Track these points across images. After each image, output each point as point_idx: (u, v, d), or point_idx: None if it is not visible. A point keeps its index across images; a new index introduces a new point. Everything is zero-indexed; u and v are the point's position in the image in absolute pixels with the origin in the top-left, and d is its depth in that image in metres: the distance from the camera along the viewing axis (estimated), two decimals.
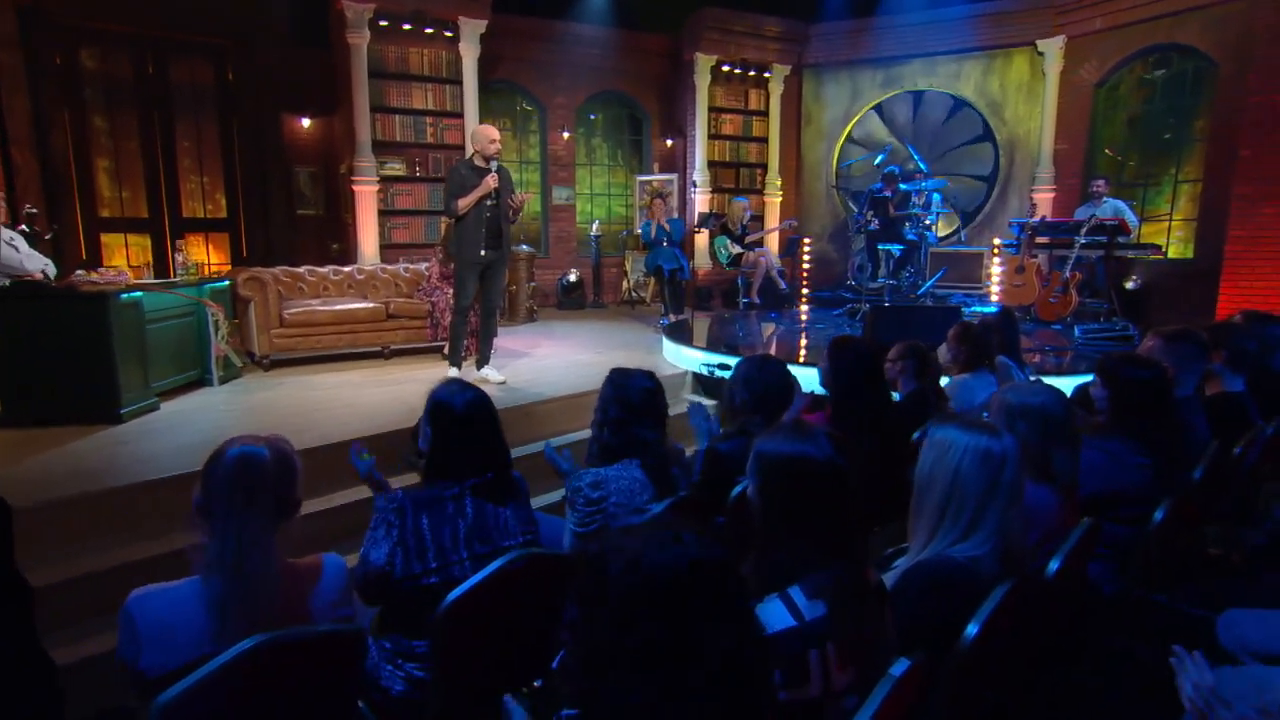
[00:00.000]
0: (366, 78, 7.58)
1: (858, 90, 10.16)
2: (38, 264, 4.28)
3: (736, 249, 8.63)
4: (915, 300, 7.95)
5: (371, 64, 7.69)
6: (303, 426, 3.95)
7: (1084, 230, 6.78)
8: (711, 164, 10.08)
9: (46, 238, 6.99)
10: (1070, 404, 2.17)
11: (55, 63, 7.40)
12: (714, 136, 10.14)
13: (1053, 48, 8.74)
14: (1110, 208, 7.47)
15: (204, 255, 8.25)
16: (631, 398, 2.28)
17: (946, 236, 9.14)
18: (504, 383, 5.09)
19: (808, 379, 4.87)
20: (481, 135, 4.87)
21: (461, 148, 8.18)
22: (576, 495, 2.19)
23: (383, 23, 7.62)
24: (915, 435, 3.06)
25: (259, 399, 4.61)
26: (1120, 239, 6.92)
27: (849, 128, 10.28)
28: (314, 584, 1.61)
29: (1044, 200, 8.83)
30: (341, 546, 3.31)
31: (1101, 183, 7.71)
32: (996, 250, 7.98)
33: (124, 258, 7.75)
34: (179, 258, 4.97)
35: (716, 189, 10.17)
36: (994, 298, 7.72)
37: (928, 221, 8.13)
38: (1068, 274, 6.89)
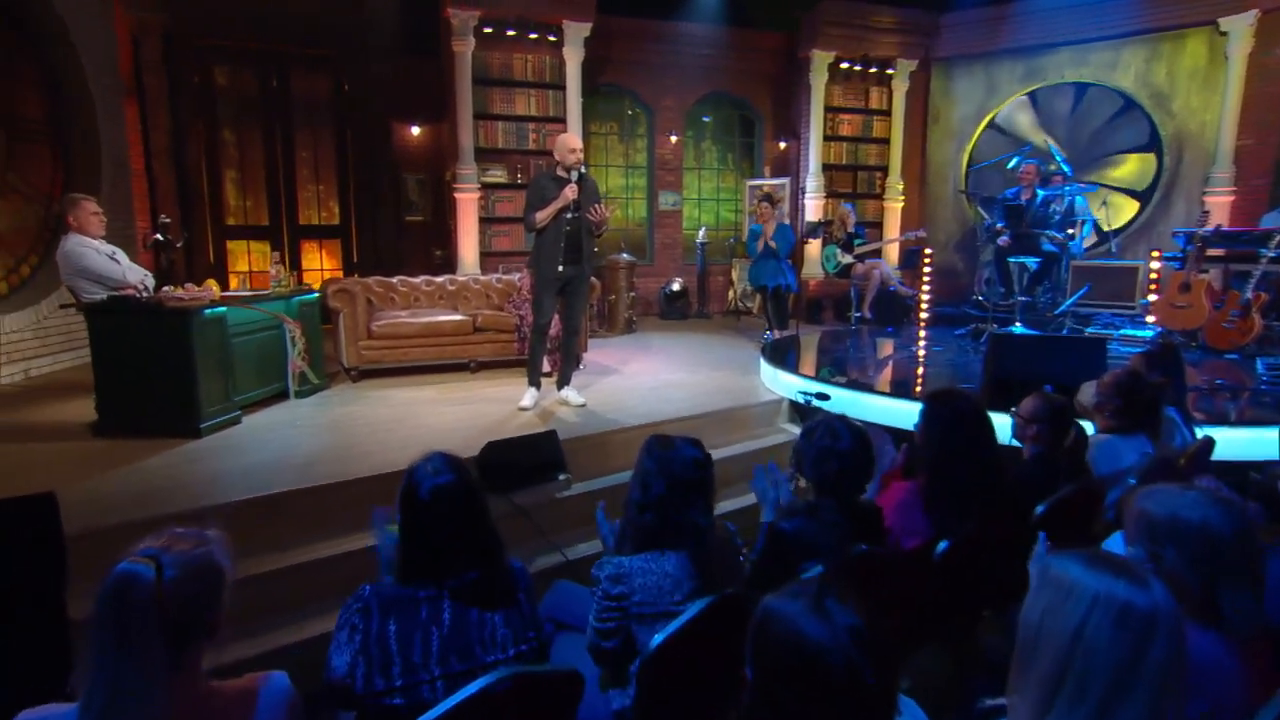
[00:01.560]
0: (470, 84, 7.55)
1: (993, 85, 9.21)
2: (137, 276, 4.40)
3: (846, 258, 7.98)
4: (1052, 320, 7.05)
5: (476, 71, 7.66)
6: (363, 450, 3.82)
7: (1275, 242, 5.72)
8: (827, 167, 9.45)
9: (178, 245, 7.41)
10: (1245, 514, 1.57)
11: (193, 81, 7.84)
12: (830, 138, 9.49)
13: (1240, 26, 7.49)
14: None
15: (318, 261, 8.55)
16: (676, 471, 1.89)
17: (1092, 248, 8.08)
18: (584, 405, 4.81)
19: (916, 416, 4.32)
20: (562, 144, 4.61)
21: None
22: (596, 586, 1.83)
23: (487, 29, 7.57)
24: (1039, 510, 2.51)
25: (334, 415, 4.56)
26: None
27: (981, 126, 9.35)
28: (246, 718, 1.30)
29: (1220, 205, 7.61)
30: None
31: None
32: (1156, 265, 6.94)
33: (246, 263, 8.13)
34: (273, 270, 5.02)
35: (831, 193, 9.52)
36: (1151, 320, 6.70)
37: (1070, 231, 7.19)
38: (1249, 294, 5.85)
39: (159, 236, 7.14)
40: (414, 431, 4.22)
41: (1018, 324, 6.76)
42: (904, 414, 4.35)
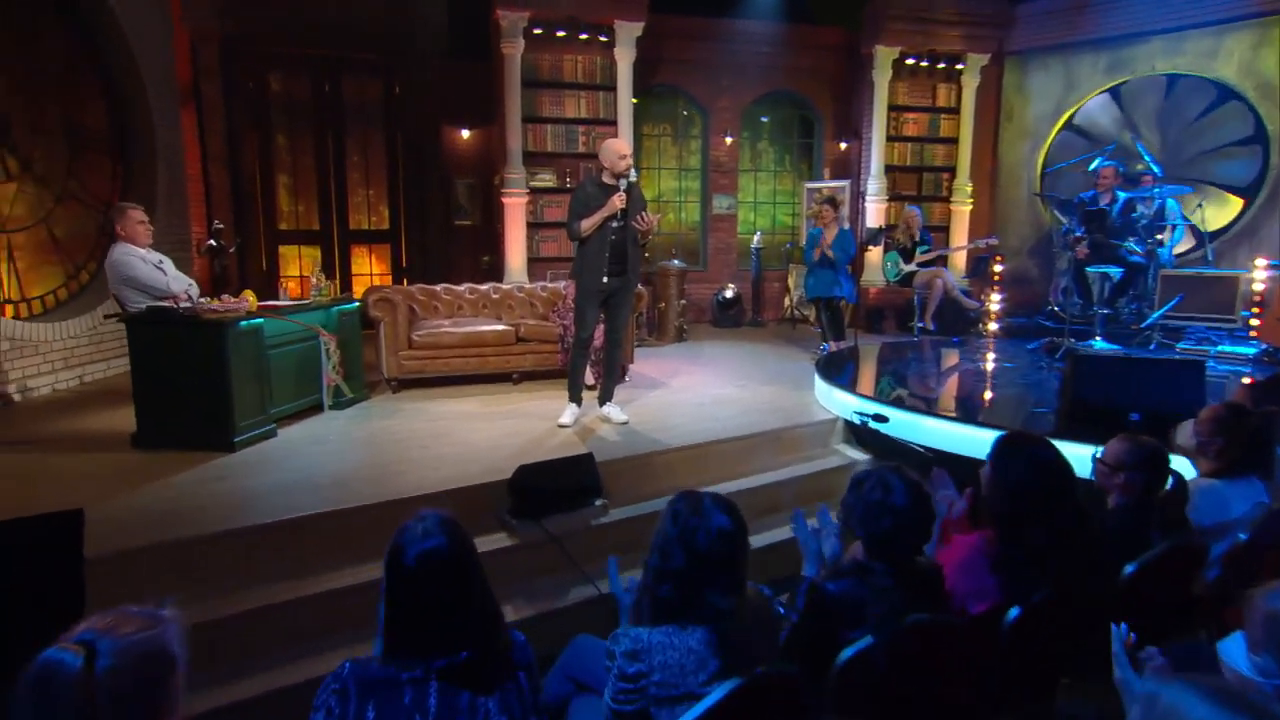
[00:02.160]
0: (519, 87, 7.47)
1: (1073, 79, 8.66)
2: (181, 285, 4.41)
3: (907, 266, 7.60)
4: (1138, 334, 6.54)
5: (525, 73, 7.57)
6: (395, 469, 3.72)
7: None
8: (890, 169, 9.05)
9: (231, 251, 7.53)
10: None
11: (248, 87, 7.97)
12: (893, 138, 9.09)
13: None
14: None
15: (367, 266, 8.60)
16: (699, 543, 1.62)
17: (1185, 254, 7.49)
18: (626, 423, 4.63)
19: (985, 444, 3.98)
20: (610, 150, 4.43)
21: None
22: (611, 662, 1.63)
23: (537, 30, 7.47)
24: (1128, 570, 2.21)
25: (370, 429, 4.49)
26: None
27: (1059, 124, 8.81)
28: None
29: None
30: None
31: None
32: (1262, 273, 6.35)
33: (298, 268, 8.23)
34: (314, 279, 4.99)
35: (894, 196, 9.12)
36: (1254, 336, 6.15)
37: (1159, 236, 6.66)
38: None
39: (213, 243, 7.28)
40: (449, 449, 4.11)
41: (1098, 338, 6.30)
42: (968, 440, 4.05)
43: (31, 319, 5.49)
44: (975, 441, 4.02)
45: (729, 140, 9.24)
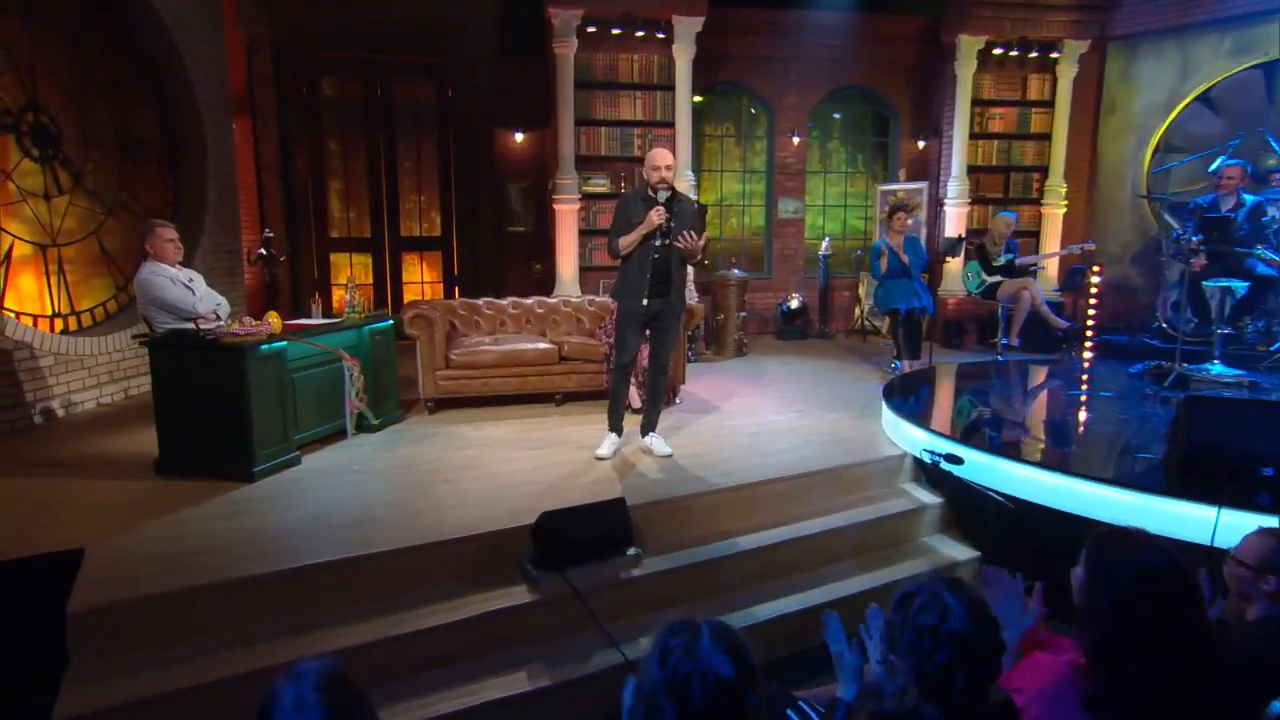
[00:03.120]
0: (572, 88, 7.22)
1: (1190, 65, 7.85)
2: (210, 305, 4.33)
3: (992, 277, 7.00)
4: (1266, 359, 5.81)
5: (578, 74, 7.33)
6: (415, 508, 3.51)
7: None
8: (972, 169, 8.43)
9: (281, 259, 7.57)
10: None
11: (301, 92, 8.00)
12: (977, 135, 8.47)
13: None
14: None
15: (418, 274, 8.53)
16: (693, 697, 1.24)
17: None
18: (669, 456, 4.31)
19: (1077, 498, 3.49)
20: (648, 161, 4.11)
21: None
22: None
23: (590, 28, 7.21)
24: (1274, 710, 1.76)
25: (397, 458, 4.30)
26: None
27: (1172, 116, 8.00)
28: None
29: None
30: (405, 687, 2.77)
31: None
32: None
33: (347, 276, 8.21)
34: (347, 295, 4.86)
35: (977, 199, 8.49)
36: None
37: None
38: None
39: (263, 252, 7.32)
40: (475, 484, 3.88)
41: (1216, 361, 5.63)
42: (1057, 491, 3.56)
43: (80, 332, 5.56)
44: (1065, 493, 3.54)
45: (796, 140, 8.79)
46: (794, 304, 8.74)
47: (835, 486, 4.24)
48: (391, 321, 4.94)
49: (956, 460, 4.02)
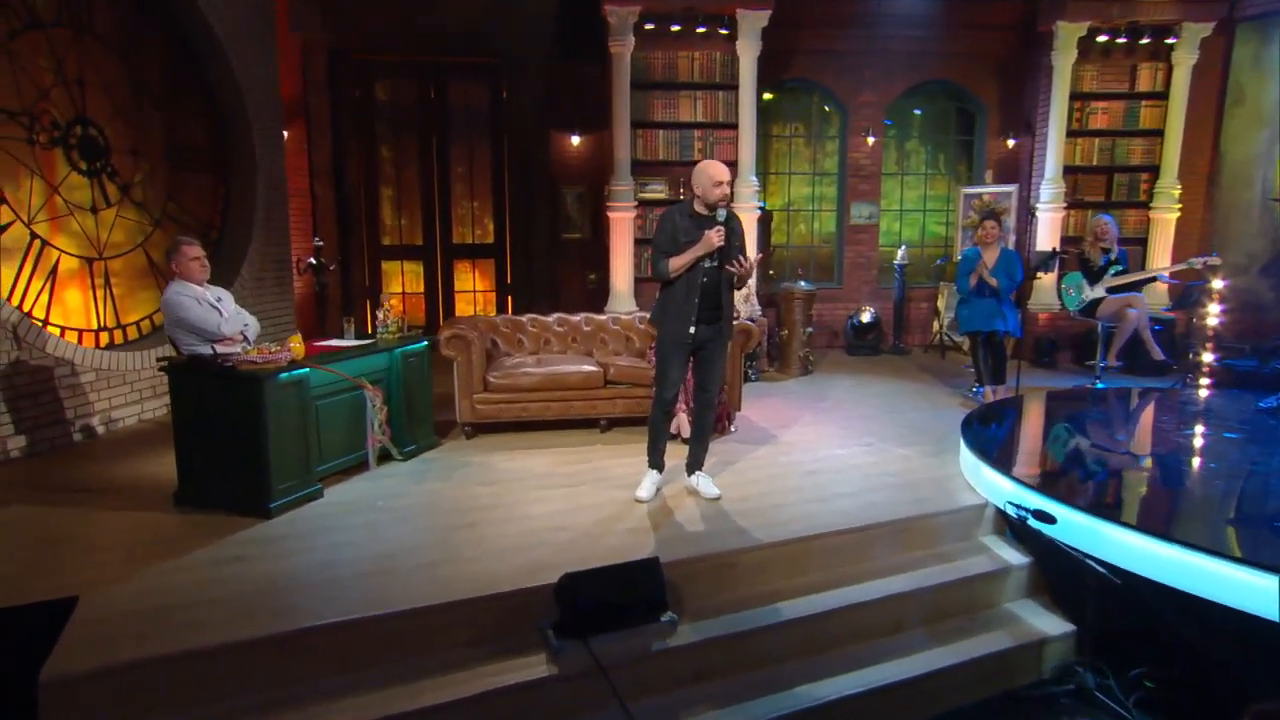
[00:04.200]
0: (628, 89, 6.91)
1: None
2: (236, 326, 4.19)
3: (1094, 292, 6.32)
4: None
5: (636, 73, 7.01)
6: (428, 558, 3.24)
7: None
8: (1069, 170, 7.72)
9: (331, 268, 7.51)
10: None
11: (354, 96, 7.93)
12: (1075, 133, 7.76)
13: None
14: None
15: (470, 283, 8.37)
16: None
17: None
18: (717, 499, 3.94)
19: (1197, 575, 2.92)
20: (703, 175, 3.73)
21: (733, 163, 7.16)
22: None
23: (649, 25, 6.88)
24: None
25: (423, 493, 4.06)
26: None
27: None
28: None
29: None
30: None
31: None
32: None
33: (400, 284, 8.12)
34: (380, 314, 4.66)
35: (1074, 203, 7.78)
36: None
37: None
38: None
39: (313, 261, 7.27)
40: (500, 528, 3.60)
41: None
42: (1172, 566, 3.02)
43: (125, 346, 5.56)
44: (1184, 570, 2.99)
45: (871, 140, 8.25)
46: (866, 317, 8.21)
47: (903, 540, 3.79)
48: (426, 343, 4.72)
49: (1048, 519, 3.51)
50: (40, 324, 4.92)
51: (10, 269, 4.83)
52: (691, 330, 3.76)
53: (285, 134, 7.24)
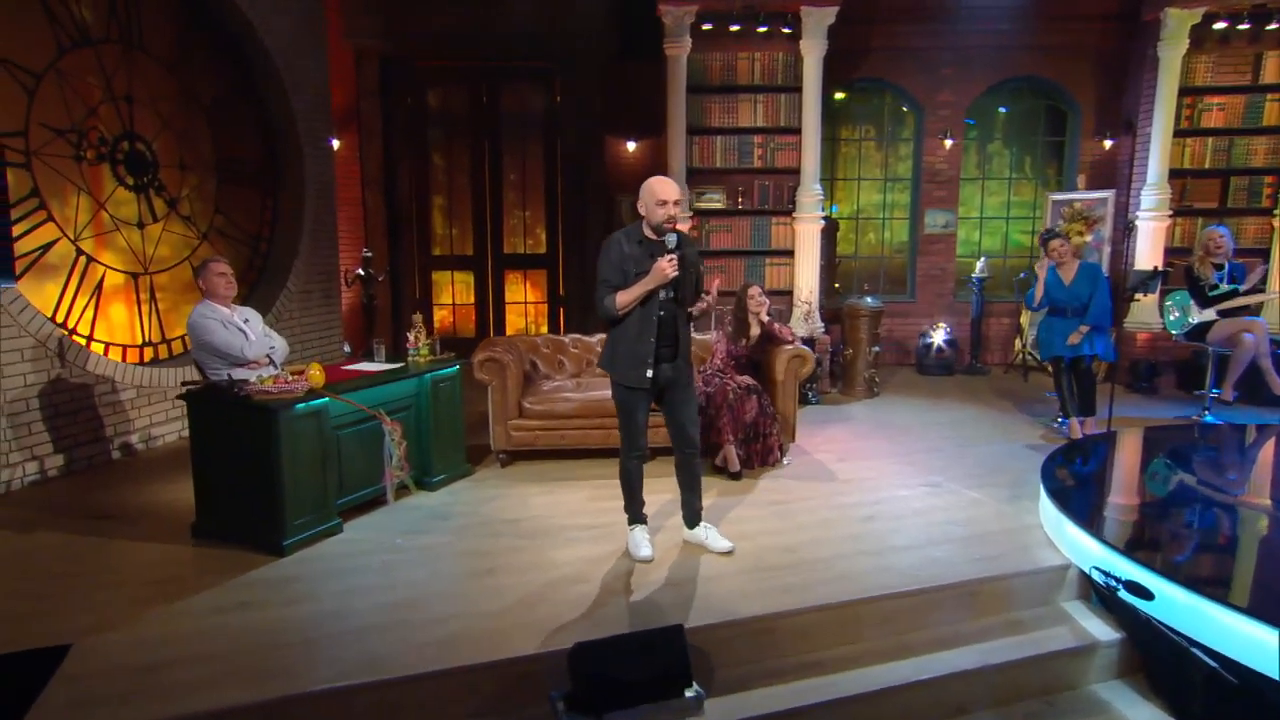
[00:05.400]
0: (684, 94, 6.63)
1: None
2: (261, 349, 4.10)
3: (1202, 314, 5.69)
4: None
5: (693, 77, 6.73)
6: (431, 616, 3.03)
7: None
8: (1176, 173, 7.03)
9: (380, 279, 7.47)
10: None
11: (406, 104, 7.89)
12: (1184, 132, 7.08)
13: None
14: None
15: (521, 294, 8.23)
16: None
17: None
18: (730, 552, 3.58)
19: None
20: (647, 193, 3.29)
21: (796, 170, 6.80)
22: None
23: (706, 26, 6.57)
24: None
25: (440, 532, 3.86)
26: None
27: None
28: None
29: None
30: None
31: None
32: None
33: (449, 295, 8.04)
34: (411, 336, 4.51)
35: (1182, 209, 7.09)
36: None
37: None
38: None
39: (361, 272, 7.23)
40: (518, 577, 3.37)
41: None
42: None
43: (168, 362, 5.59)
44: None
45: (949, 143, 7.73)
46: (940, 333, 7.68)
47: (970, 605, 3.39)
48: (457, 368, 4.55)
49: (1143, 593, 3.06)
50: (84, 340, 4.98)
51: (56, 286, 4.90)
52: (649, 375, 3.36)
53: (336, 143, 7.25)
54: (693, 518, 3.67)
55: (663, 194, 3.25)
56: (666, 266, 3.19)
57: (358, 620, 2.99)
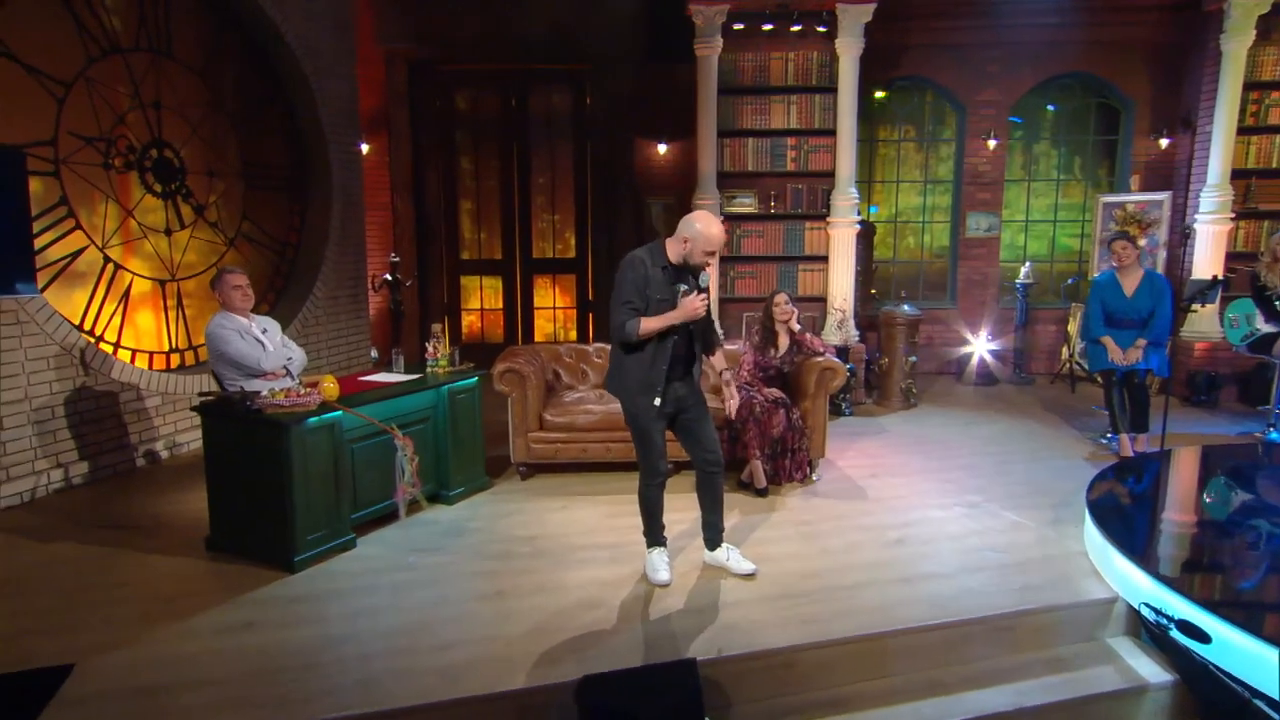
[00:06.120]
0: (715, 95, 6.48)
1: None
2: (278, 361, 4.08)
3: (1265, 326, 5.36)
4: None
5: (724, 77, 6.58)
6: (435, 641, 2.94)
7: None
8: (1239, 173, 6.67)
9: (408, 284, 7.47)
10: None
11: (435, 107, 7.87)
12: (1249, 129, 6.72)
13: None
14: None
15: (550, 299, 8.16)
16: None
17: None
18: (752, 575, 3.44)
19: None
20: (702, 236, 3.12)
21: (830, 173, 6.61)
22: None
23: (737, 25, 6.42)
24: None
25: (456, 550, 3.78)
26: None
27: None
28: None
29: None
30: None
31: None
32: None
33: (478, 300, 8.01)
34: (430, 346, 4.45)
35: (1245, 212, 6.72)
36: None
37: None
38: None
39: (388, 277, 7.23)
40: (528, 600, 3.27)
41: None
42: None
43: (194, 368, 5.63)
44: None
45: (993, 143, 7.45)
46: (982, 341, 7.41)
47: (1007, 640, 3.19)
48: (476, 380, 4.47)
49: (1200, 636, 2.84)
50: (111, 347, 5.02)
51: (83, 293, 4.95)
52: (657, 402, 3.26)
53: (366, 148, 7.26)
54: (714, 539, 3.54)
55: (712, 240, 3.15)
56: (699, 305, 3.17)
57: (361, 646, 2.92)
